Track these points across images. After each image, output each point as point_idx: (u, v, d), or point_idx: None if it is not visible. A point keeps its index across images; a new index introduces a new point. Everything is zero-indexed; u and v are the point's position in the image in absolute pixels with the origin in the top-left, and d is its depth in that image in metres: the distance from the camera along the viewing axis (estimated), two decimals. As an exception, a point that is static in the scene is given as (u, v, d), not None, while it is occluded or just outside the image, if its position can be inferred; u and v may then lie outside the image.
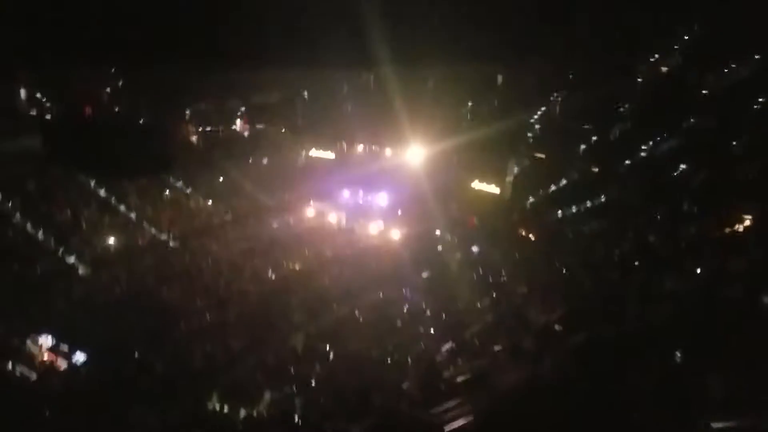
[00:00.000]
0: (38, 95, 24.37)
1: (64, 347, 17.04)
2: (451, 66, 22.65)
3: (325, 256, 25.75)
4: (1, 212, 22.42)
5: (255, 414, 14.08)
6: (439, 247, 25.92)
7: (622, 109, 23.58)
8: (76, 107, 22.93)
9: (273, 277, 23.51)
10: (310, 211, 29.11)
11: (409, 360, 15.25)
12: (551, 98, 23.85)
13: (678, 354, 5.20)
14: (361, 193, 29.92)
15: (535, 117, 24.38)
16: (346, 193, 30.01)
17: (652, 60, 23.35)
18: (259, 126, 30.41)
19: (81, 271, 21.65)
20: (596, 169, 23.16)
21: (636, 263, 13.45)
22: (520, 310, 15.81)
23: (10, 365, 16.05)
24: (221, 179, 29.73)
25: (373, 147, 28.54)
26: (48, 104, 24.39)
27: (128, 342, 17.40)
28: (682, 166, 20.21)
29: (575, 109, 23.90)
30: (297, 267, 24.51)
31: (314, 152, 30.94)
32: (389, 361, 16.31)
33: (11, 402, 14.04)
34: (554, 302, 14.11)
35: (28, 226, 22.42)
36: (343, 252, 26.29)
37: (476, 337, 14.15)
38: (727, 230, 12.99)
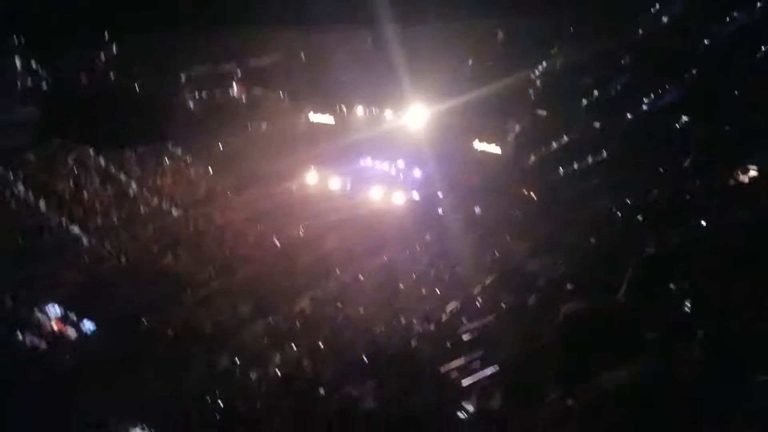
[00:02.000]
0: (32, 64, 24.02)
1: (73, 316, 17.24)
2: (450, 22, 22.18)
3: (329, 221, 25.78)
4: (2, 183, 22.36)
5: (265, 376, 14.32)
6: (441, 209, 25.91)
7: (622, 62, 23.13)
8: (71, 76, 22.61)
9: (277, 242, 23.60)
10: (311, 177, 28.99)
11: (415, 320, 15.41)
12: (551, 53, 23.40)
13: (686, 307, 5.20)
14: (362, 157, 29.75)
15: (536, 73, 23.96)
16: (347, 158, 29.84)
17: (653, 10, 22.77)
18: (257, 91, 29.99)
19: (85, 241, 21.72)
20: (598, 125, 22.87)
21: (640, 218, 13.36)
22: (523, 268, 15.84)
23: (19, 335, 16.29)
24: (220, 146, 29.52)
25: (373, 109, 28.19)
26: (43, 73, 24.05)
27: (136, 310, 17.63)
28: (685, 118, 19.93)
29: (576, 64, 23.46)
30: (301, 232, 24.57)
31: (314, 116, 30.57)
32: (395, 322, 16.52)
33: (23, 371, 14.28)
34: (556, 260, 14.14)
35: (31, 196, 22.40)
36: (346, 217, 26.30)
37: (480, 295, 14.23)
38: (732, 182, 12.86)
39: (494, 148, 25.73)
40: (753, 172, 11.68)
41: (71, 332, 16.88)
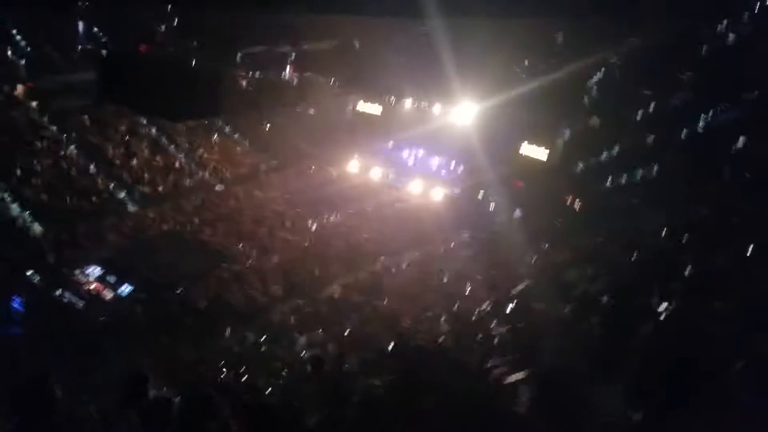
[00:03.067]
0: (95, 30, 24.72)
1: (111, 278, 17.72)
2: (508, 19, 21.76)
3: (366, 211, 25.83)
4: (56, 143, 23.11)
5: (290, 356, 14.44)
6: (482, 209, 25.64)
7: (684, 77, 22.34)
8: (131, 44, 23.16)
9: (314, 227, 23.76)
10: (353, 165, 29.06)
11: (444, 318, 15.31)
12: (611, 60, 22.77)
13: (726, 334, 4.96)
14: (406, 149, 29.65)
15: (593, 79, 23.36)
16: (391, 149, 29.78)
17: (719, 28, 21.94)
18: (308, 74, 30.15)
19: (130, 206, 22.29)
20: (651, 138, 22.19)
21: (686, 237, 12.93)
22: (560, 277, 15.54)
23: (58, 292, 16.82)
24: (268, 126, 29.87)
25: (422, 103, 27.99)
26: (104, 40, 24.72)
27: (172, 278, 18.03)
28: (742, 139, 19.17)
29: (635, 75, 22.78)
30: (337, 219, 24.68)
31: (361, 105, 30.54)
32: (423, 318, 16.45)
33: (57, 327, 14.73)
34: (596, 272, 13.81)
35: (81, 159, 23.09)
36: (384, 208, 26.31)
37: (514, 299, 14.02)
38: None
39: (542, 153, 25.26)
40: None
41: (108, 293, 17.35)
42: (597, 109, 23.27)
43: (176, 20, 24.43)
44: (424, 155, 29.17)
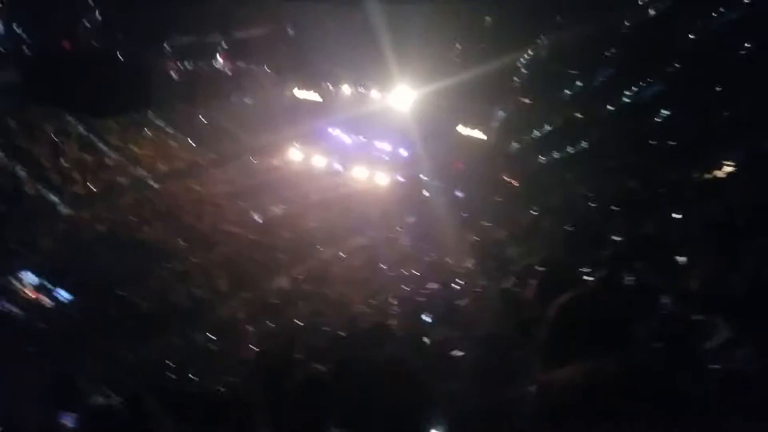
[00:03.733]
0: (15, 28, 23.41)
1: (48, 285, 17.06)
2: (440, 3, 22.05)
3: (311, 199, 25.77)
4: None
5: (239, 351, 14.38)
6: (425, 192, 26.06)
7: (608, 54, 23.25)
8: (54, 41, 22.09)
9: (258, 218, 23.53)
10: (295, 153, 28.87)
11: (393, 300, 15.59)
12: (538, 41, 23.44)
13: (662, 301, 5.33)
14: (346, 136, 29.68)
15: (522, 61, 24.01)
16: (331, 136, 29.74)
17: (640, 3, 22.88)
18: (241, 64, 29.60)
19: (62, 208, 21.43)
20: (579, 115, 23.09)
21: (616, 208, 13.61)
22: (501, 253, 16.08)
23: (-6, 302, 16.09)
24: (203, 118, 29.19)
25: (360, 88, 28.04)
26: (26, 38, 23.45)
27: (112, 280, 17.50)
28: (665, 112, 20.20)
29: (561, 53, 23.54)
30: (282, 209, 24.52)
31: (299, 92, 30.30)
32: (373, 302, 16.68)
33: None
34: (534, 246, 14.38)
35: (8, 162, 21.97)
36: (328, 195, 26.32)
37: (458, 278, 14.44)
38: (707, 176, 13.15)
39: (479, 134, 25.86)
40: (729, 168, 11.96)
41: (46, 300, 16.71)
42: (527, 89, 23.99)
43: (100, 13, 23.42)
44: (365, 140, 29.28)
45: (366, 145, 29.33)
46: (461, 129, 26.19)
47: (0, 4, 21.64)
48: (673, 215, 9.79)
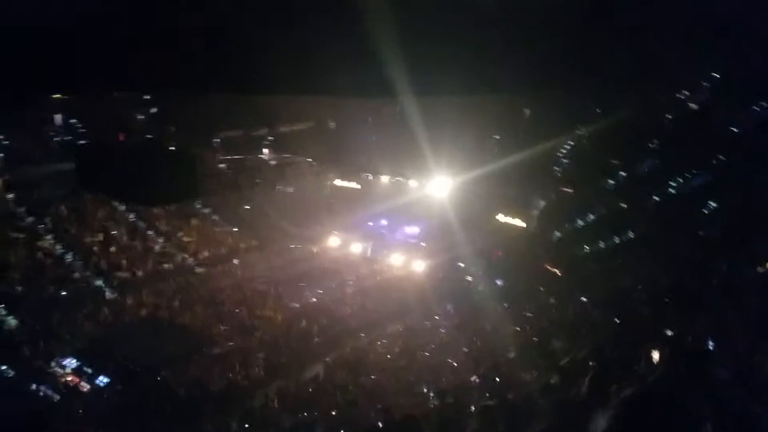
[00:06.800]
0: (73, 121, 25.10)
1: (88, 369, 17.18)
2: (476, 97, 22.76)
3: (348, 286, 25.72)
4: (33, 234, 22.90)
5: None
6: (463, 279, 25.72)
7: (650, 145, 23.36)
8: (109, 133, 23.50)
9: (296, 305, 23.51)
10: (334, 240, 29.20)
11: (432, 392, 15.03)
12: (578, 132, 23.77)
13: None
14: (385, 223, 29.98)
15: (562, 151, 24.28)
16: (370, 224, 30.08)
17: (680, 96, 23.22)
18: (286, 155, 30.76)
19: (108, 294, 21.91)
20: (624, 205, 22.89)
21: (666, 301, 13.13)
22: (546, 345, 15.52)
23: (34, 386, 16.23)
24: (247, 207, 30.06)
25: (398, 178, 28.62)
26: (82, 130, 25.06)
27: (150, 365, 17.53)
28: (712, 204, 19.90)
29: (602, 144, 23.75)
30: (319, 295, 24.49)
31: (339, 182, 31.12)
32: (411, 392, 16.12)
33: (34, 423, 14.12)
34: (582, 340, 13.84)
35: (58, 248, 22.85)
36: (366, 282, 26.24)
37: (501, 370, 13.90)
38: (760, 269, 12.68)
39: (518, 222, 25.76)
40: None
41: (84, 385, 16.77)
42: (568, 178, 24.05)
43: (154, 108, 24.96)
44: (403, 228, 29.50)
45: (404, 232, 29.51)
46: (500, 217, 26.17)
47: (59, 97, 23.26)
48: (728, 308, 9.37)
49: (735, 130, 21.64)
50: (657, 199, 21.84)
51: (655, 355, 7.23)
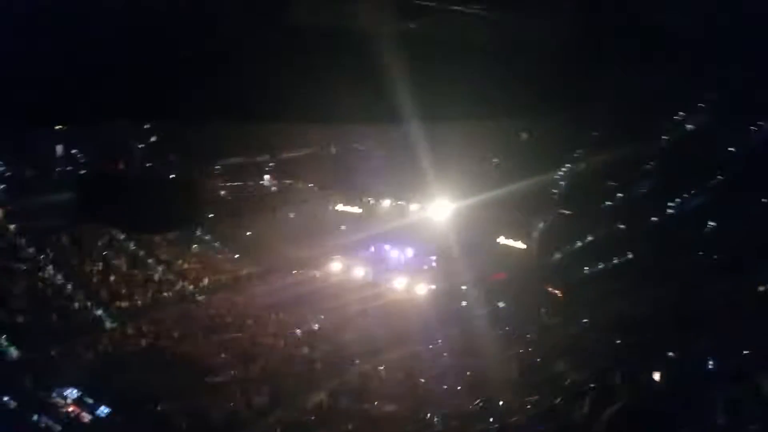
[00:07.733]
0: (73, 151, 25.32)
1: (89, 400, 17.06)
2: (476, 123, 22.96)
3: (351, 311, 25.65)
4: (34, 264, 22.94)
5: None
6: (465, 303, 25.65)
7: (647, 167, 23.41)
8: (109, 162, 23.70)
9: (298, 331, 23.42)
10: (336, 265, 29.20)
11: (437, 417, 14.91)
12: (576, 155, 23.88)
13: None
14: (387, 247, 30.02)
15: (560, 174, 24.38)
16: (372, 248, 30.12)
17: (677, 118, 23.31)
18: (287, 181, 30.95)
19: (108, 323, 21.85)
20: (623, 226, 22.92)
21: (666, 323, 13.12)
22: (547, 367, 15.46)
23: (35, 417, 16.11)
24: (249, 233, 30.13)
25: (399, 202, 28.76)
26: (83, 160, 25.26)
27: (151, 395, 17.39)
28: (711, 224, 19.92)
29: (600, 167, 23.82)
30: (321, 321, 24.40)
31: (341, 207, 31.24)
32: (416, 418, 15.97)
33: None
34: (583, 362, 13.79)
35: (58, 278, 22.86)
36: (368, 306, 26.17)
37: (503, 393, 13.83)
38: (761, 288, 12.69)
39: (519, 244, 25.80)
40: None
41: (86, 416, 16.64)
42: (567, 201, 24.13)
43: (154, 136, 25.17)
44: (405, 253, 29.53)
45: (405, 256, 29.54)
46: (501, 239, 26.21)
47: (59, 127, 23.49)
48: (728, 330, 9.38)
49: (733, 150, 21.71)
50: (656, 220, 21.86)
51: (656, 377, 7.23)
